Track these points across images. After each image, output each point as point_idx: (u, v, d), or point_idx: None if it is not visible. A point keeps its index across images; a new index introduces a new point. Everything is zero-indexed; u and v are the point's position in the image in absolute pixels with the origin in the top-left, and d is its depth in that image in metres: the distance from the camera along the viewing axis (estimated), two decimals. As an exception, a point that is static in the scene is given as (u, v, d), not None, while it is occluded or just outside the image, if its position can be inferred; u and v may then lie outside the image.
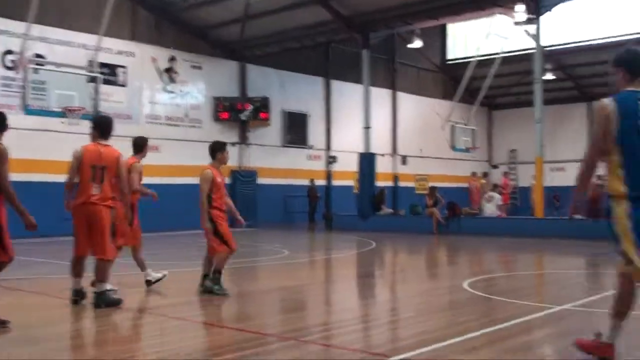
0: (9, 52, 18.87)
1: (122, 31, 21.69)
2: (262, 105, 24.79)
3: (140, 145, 8.72)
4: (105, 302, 7.03)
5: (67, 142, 19.69)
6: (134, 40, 22.16)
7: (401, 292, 9.77)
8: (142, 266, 8.47)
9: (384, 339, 6.12)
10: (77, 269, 7.14)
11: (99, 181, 7.09)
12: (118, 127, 8.56)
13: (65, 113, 16.55)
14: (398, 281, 11.06)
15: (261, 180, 24.99)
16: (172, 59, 23.29)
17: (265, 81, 25.90)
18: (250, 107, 24.57)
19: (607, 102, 4.61)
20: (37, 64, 17.51)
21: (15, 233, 6.10)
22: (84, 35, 19.94)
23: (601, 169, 4.81)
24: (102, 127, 7.43)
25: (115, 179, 7.24)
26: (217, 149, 8.25)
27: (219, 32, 24.38)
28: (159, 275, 8.58)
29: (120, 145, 7.67)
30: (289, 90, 26.73)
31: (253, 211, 23.29)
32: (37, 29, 18.11)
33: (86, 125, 18.39)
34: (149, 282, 8.46)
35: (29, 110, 16.71)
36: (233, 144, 24.76)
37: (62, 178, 7.07)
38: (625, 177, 4.54)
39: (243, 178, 24.48)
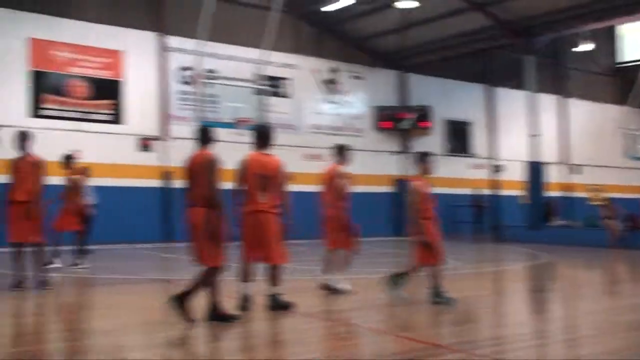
0: (185, 68, 20.16)
1: (286, 45, 22.41)
2: (423, 114, 24.54)
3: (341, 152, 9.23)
4: (278, 305, 7.14)
5: (237, 151, 20.83)
6: (297, 53, 22.83)
7: (577, 308, 9.10)
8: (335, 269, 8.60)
9: (562, 357, 5.67)
10: (246, 275, 7.32)
11: (264, 189, 7.22)
12: (283, 137, 8.77)
13: (235, 124, 17.34)
14: (573, 297, 10.32)
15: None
16: (334, 70, 23.74)
17: (425, 89, 25.63)
18: (410, 116, 24.41)
19: None
20: (210, 79, 18.55)
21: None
22: (250, 50, 20.83)
23: None
24: (262, 136, 7.56)
25: (277, 187, 7.32)
26: (420, 159, 8.54)
27: (379, 42, 24.48)
28: (344, 287, 8.64)
29: (286, 155, 7.83)
30: (450, 98, 26.25)
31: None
32: (209, 46, 19.18)
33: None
34: (329, 288, 8.56)
35: (204, 123, 17.66)
36: (393, 153, 24.73)
37: (230, 186, 7.26)
38: None
39: (406, 188, 24.31)
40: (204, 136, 7.00)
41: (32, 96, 18.06)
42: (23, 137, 8.97)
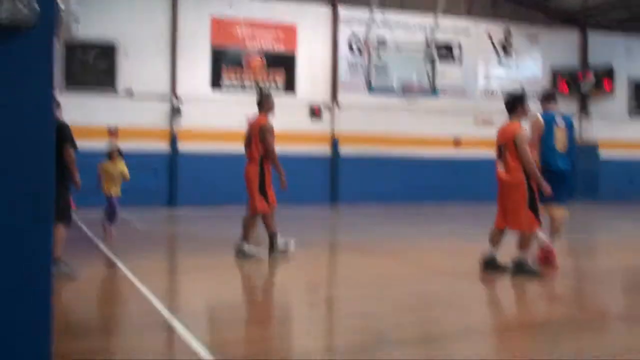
0: (355, 37, 20.53)
1: (458, 8, 21.98)
2: (606, 75, 22.98)
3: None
4: (524, 271, 7.01)
5: (406, 118, 21.05)
6: (469, 17, 22.30)
7: None
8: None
9: None
10: (494, 239, 7.30)
11: (500, 158, 7.24)
12: (454, 103, 8.69)
13: (404, 92, 17.40)
14: None
15: (604, 155, 23.33)
16: (508, 32, 22.90)
17: (608, 49, 23.94)
18: (591, 77, 22.98)
19: None
20: (380, 47, 18.72)
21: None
22: (421, 16, 20.70)
23: None
24: (515, 102, 7.48)
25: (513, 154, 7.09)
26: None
27: (558, 0, 23.17)
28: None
29: (457, 120, 7.78)
30: (637, 57, 24.31)
31: (594, 187, 22.04)
32: (380, 14, 19.35)
33: (424, 103, 19.18)
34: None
35: (372, 90, 17.96)
36: (573, 115, 23.55)
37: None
38: None
39: (584, 153, 23.12)
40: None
41: (213, 70, 19.39)
42: None
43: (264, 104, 8.56)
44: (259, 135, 8.21)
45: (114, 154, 10.46)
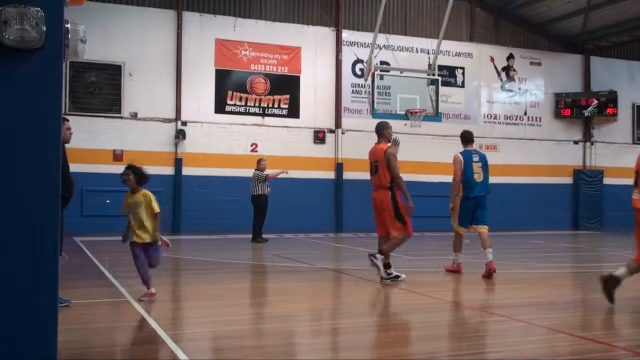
0: (358, 61, 20.59)
1: (460, 33, 22.10)
2: (609, 100, 22.99)
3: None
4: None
5: (409, 143, 21.00)
6: (472, 41, 22.39)
7: None
8: None
9: None
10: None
11: None
12: (457, 128, 8.71)
13: (408, 116, 17.38)
14: None
15: (608, 180, 23.24)
16: (510, 56, 22.96)
17: (611, 73, 24.01)
18: (595, 102, 22.99)
19: None
20: (382, 71, 18.73)
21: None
22: (423, 40, 20.79)
23: None
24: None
25: None
26: None
27: (560, 25, 23.28)
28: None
29: (459, 145, 7.75)
30: (639, 82, 24.40)
31: (598, 213, 21.93)
32: (383, 38, 19.44)
33: (427, 127, 19.15)
34: None
35: (376, 114, 17.93)
36: (576, 142, 23.51)
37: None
38: None
39: (588, 178, 23.05)
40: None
41: (217, 93, 19.39)
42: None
43: (384, 132, 8.82)
44: (384, 161, 8.46)
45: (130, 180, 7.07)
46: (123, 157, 17.97)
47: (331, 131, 20.45)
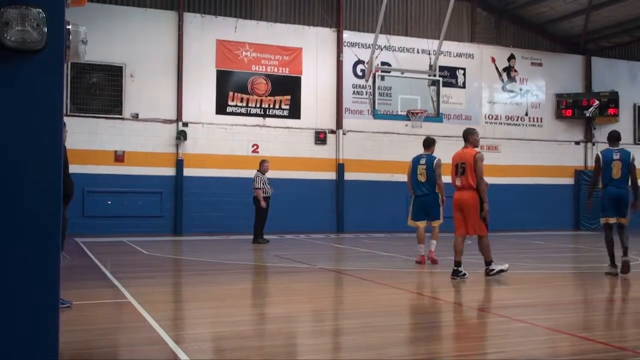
0: (359, 62, 20.59)
1: (461, 34, 22.11)
2: (610, 100, 22.98)
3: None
4: None
5: (410, 143, 21.00)
6: (473, 42, 22.39)
7: None
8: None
9: None
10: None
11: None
12: (458, 128, 8.72)
13: (409, 116, 17.37)
14: None
15: (609, 181, 23.25)
16: (511, 57, 22.96)
17: (613, 74, 24.01)
18: (596, 103, 22.98)
19: None
20: (383, 72, 18.72)
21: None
22: (425, 41, 20.79)
23: None
24: None
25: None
26: None
27: (561, 26, 23.28)
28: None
29: (461, 146, 7.75)
30: (640, 82, 24.43)
31: (595, 214, 21.97)
32: (384, 39, 19.43)
33: (428, 128, 19.15)
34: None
35: (377, 115, 17.94)
36: (577, 142, 23.50)
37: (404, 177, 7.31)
38: None
39: (589, 179, 23.02)
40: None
41: (219, 94, 19.39)
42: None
43: (470, 138, 9.48)
44: (474, 164, 9.02)
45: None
46: (124, 158, 17.99)
47: (332, 132, 20.45)
